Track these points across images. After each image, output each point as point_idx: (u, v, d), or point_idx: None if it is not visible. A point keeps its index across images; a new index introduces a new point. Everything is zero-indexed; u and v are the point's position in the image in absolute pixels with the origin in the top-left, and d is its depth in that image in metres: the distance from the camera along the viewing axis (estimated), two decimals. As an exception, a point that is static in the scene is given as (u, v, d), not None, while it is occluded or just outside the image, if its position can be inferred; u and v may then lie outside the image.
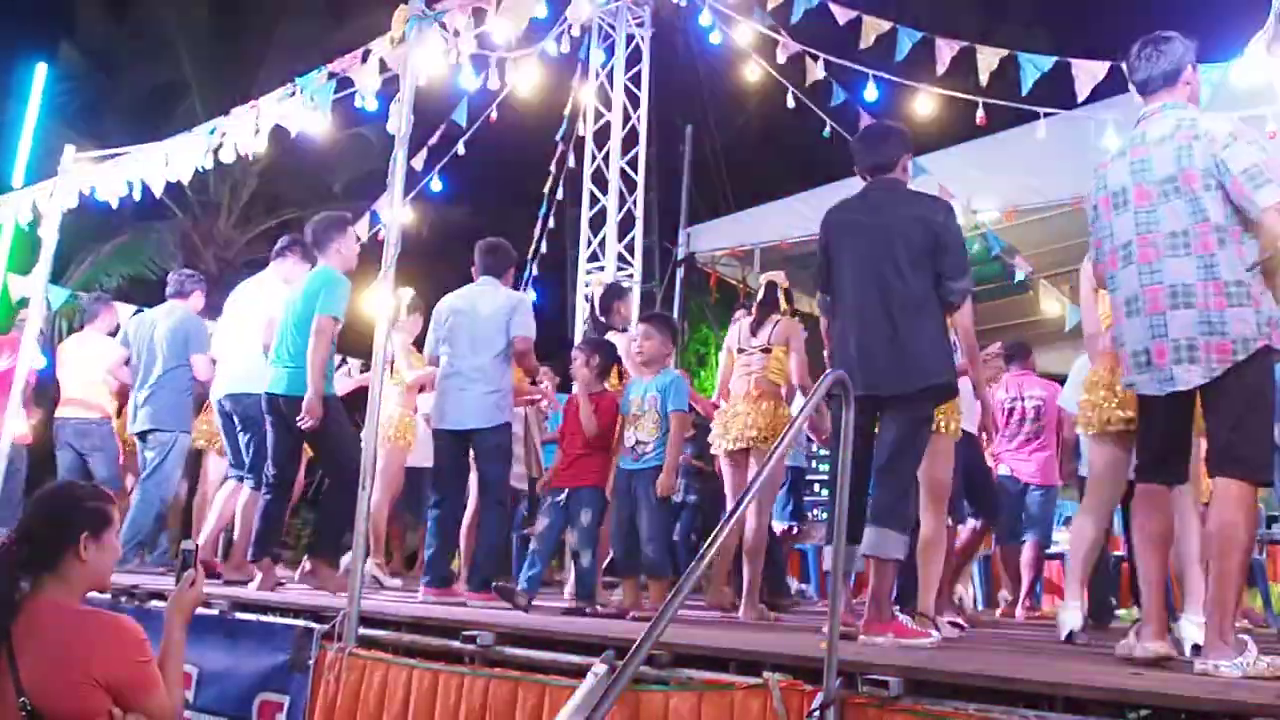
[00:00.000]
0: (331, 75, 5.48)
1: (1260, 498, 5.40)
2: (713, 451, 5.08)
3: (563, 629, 3.62)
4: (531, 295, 8.62)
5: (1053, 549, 6.88)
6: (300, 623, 4.04)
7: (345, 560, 5.50)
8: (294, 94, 5.60)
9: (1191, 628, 3.49)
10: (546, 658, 3.36)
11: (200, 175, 6.48)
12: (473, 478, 5.32)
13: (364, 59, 5.30)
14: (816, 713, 2.58)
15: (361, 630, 3.85)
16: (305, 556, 5.43)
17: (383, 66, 5.24)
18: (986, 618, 6.28)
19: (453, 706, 3.36)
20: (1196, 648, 3.21)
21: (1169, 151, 3.07)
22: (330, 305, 4.90)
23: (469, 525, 5.72)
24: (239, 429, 5.50)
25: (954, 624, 4.52)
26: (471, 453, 5.05)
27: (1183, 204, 3.02)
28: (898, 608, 3.79)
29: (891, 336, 3.61)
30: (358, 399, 4.96)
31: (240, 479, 5.58)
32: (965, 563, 5.90)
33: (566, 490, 4.81)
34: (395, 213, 4.31)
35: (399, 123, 4.36)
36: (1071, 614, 3.98)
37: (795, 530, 6.53)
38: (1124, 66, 3.38)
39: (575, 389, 5.01)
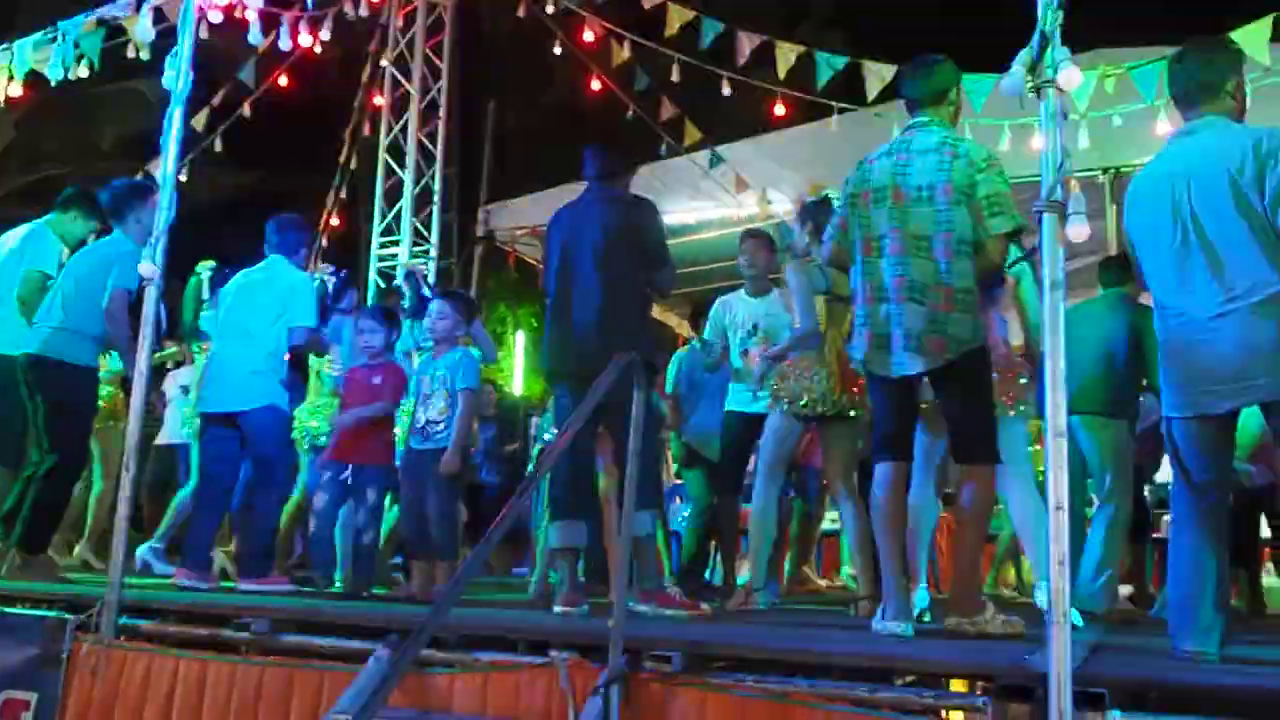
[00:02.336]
0: (101, 22, 5.06)
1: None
2: None
3: (343, 613, 3.50)
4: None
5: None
6: (52, 614, 3.71)
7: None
8: (55, 39, 5.13)
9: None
10: (326, 644, 3.24)
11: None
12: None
13: (137, 7, 4.92)
14: (601, 689, 2.60)
15: (123, 620, 3.58)
16: (14, 550, 4.54)
17: (159, 16, 4.87)
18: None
19: (223, 698, 3.18)
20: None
21: (931, 163, 3.35)
22: (126, 278, 4.50)
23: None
24: None
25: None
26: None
27: (931, 211, 3.31)
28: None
29: (600, 322, 3.97)
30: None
31: None
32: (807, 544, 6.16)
33: (350, 466, 4.67)
34: (168, 174, 4.00)
35: (176, 78, 4.04)
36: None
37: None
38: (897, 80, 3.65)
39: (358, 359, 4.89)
